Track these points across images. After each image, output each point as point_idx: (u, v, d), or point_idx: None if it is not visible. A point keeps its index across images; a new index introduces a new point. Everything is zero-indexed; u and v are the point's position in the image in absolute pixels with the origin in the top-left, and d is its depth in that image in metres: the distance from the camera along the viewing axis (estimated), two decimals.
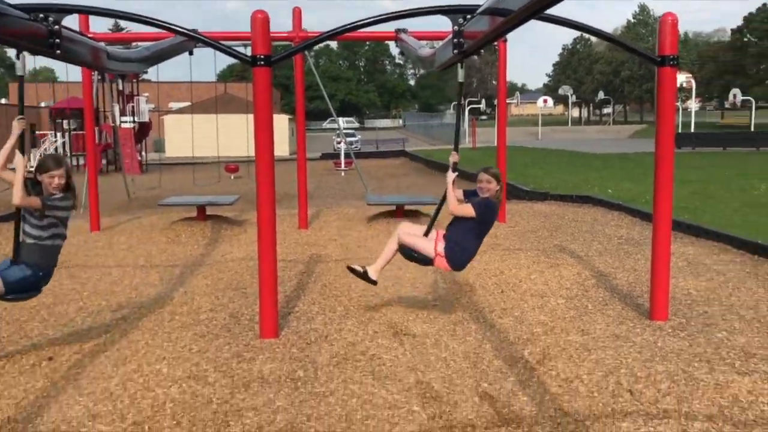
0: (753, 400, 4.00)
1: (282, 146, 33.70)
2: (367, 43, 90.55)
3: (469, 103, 50.60)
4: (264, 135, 5.21)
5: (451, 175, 5.33)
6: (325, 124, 70.98)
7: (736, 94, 44.69)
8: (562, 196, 13.23)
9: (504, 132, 10.70)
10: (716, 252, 8.17)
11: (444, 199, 5.41)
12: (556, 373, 4.52)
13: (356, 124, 77.11)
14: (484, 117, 68.18)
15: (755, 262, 7.60)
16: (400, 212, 10.56)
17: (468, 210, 5.16)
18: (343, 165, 23.64)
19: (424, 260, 5.33)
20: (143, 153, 27.71)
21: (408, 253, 5.39)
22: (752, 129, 39.27)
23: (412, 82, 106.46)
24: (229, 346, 5.10)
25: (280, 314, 5.73)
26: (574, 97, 64.76)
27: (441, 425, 3.79)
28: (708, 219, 9.88)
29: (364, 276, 5.50)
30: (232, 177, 21.09)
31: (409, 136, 51.54)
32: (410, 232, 5.47)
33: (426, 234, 5.44)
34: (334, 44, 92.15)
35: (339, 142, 28.26)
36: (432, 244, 5.29)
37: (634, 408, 3.95)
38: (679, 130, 37.46)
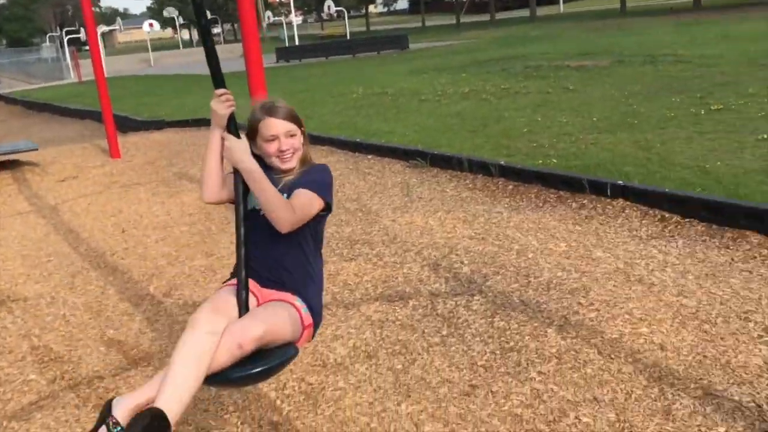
0: (359, 281, 4.48)
1: None
2: None
3: (67, 33, 45.92)
4: None
5: (240, 145, 2.38)
6: None
7: (330, 6, 48.12)
8: (179, 122, 12.93)
9: (100, 62, 9.90)
10: (325, 155, 8.83)
11: (244, 208, 2.37)
12: (184, 300, 4.49)
13: None
14: (86, 48, 62.69)
15: (356, 158, 8.42)
16: None
17: (314, 203, 2.41)
18: None
19: (282, 357, 2.24)
20: None
21: (243, 376, 2.16)
22: (348, 37, 42.92)
23: None
24: None
25: None
26: (181, 19, 63.04)
27: (64, 386, 3.51)
28: (315, 125, 10.59)
29: None
30: None
31: (1, 76, 45.16)
32: (231, 319, 2.19)
33: (243, 308, 2.26)
34: None
35: None
36: (290, 313, 2.33)
37: None
38: (287, 44, 39.25)
